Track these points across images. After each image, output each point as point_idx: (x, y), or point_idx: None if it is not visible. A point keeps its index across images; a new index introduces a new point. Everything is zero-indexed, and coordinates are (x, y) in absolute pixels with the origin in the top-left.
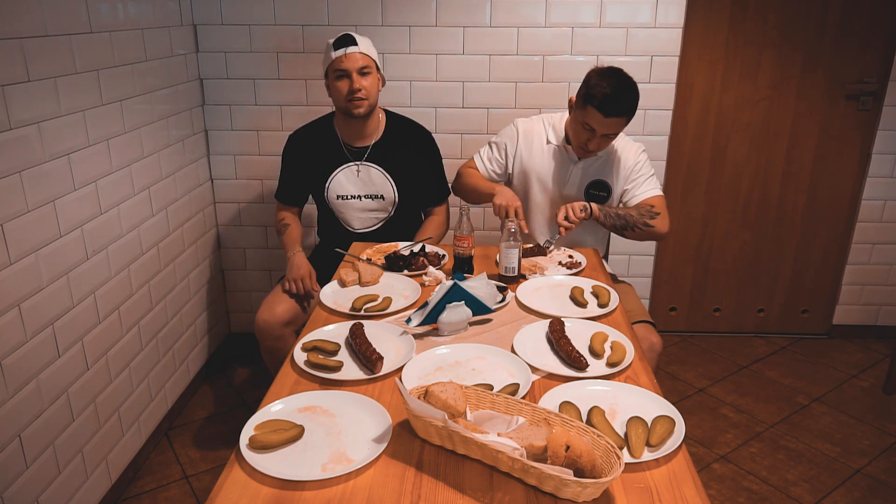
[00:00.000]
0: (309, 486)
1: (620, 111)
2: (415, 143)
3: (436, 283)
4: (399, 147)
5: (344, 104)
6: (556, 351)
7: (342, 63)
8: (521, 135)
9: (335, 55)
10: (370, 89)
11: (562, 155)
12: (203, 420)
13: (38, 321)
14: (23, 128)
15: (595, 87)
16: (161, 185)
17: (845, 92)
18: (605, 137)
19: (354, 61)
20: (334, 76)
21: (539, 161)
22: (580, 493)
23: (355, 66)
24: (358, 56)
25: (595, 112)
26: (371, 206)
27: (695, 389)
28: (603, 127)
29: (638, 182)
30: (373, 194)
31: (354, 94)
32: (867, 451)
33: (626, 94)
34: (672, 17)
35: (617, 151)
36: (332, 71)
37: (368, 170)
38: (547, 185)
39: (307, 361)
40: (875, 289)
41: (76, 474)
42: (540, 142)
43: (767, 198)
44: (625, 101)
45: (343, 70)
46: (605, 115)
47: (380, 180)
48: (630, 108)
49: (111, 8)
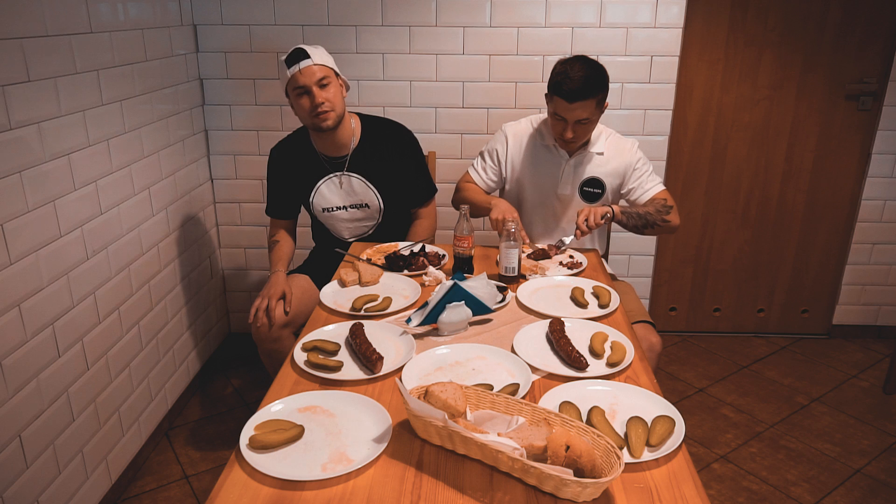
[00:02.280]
0: (309, 486)
1: (584, 94)
2: (394, 145)
3: (436, 283)
4: (378, 152)
5: (311, 120)
6: (556, 351)
7: (299, 80)
8: (510, 138)
9: (290, 73)
10: (333, 100)
11: (553, 154)
12: (203, 420)
13: (38, 321)
14: (23, 128)
15: (557, 75)
16: (161, 185)
17: (845, 92)
18: (578, 124)
19: (311, 75)
20: (295, 94)
21: (531, 162)
22: (580, 493)
23: (313, 79)
24: (315, 69)
25: (560, 100)
26: (357, 216)
27: (695, 389)
28: (571, 113)
29: (642, 179)
30: (357, 204)
31: (318, 109)
32: (867, 451)
33: (587, 77)
34: (672, 17)
35: (610, 148)
36: (291, 89)
37: (350, 179)
38: (541, 185)
39: (307, 361)
40: (875, 289)
41: (76, 474)
42: (530, 143)
43: (767, 198)
44: (585, 84)
45: (302, 86)
46: (570, 101)
47: (362, 189)
48: (591, 88)
49: (111, 8)
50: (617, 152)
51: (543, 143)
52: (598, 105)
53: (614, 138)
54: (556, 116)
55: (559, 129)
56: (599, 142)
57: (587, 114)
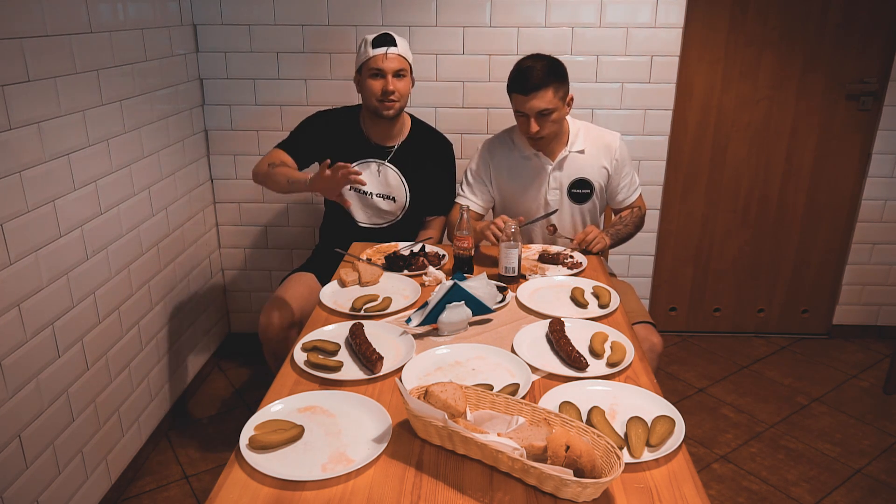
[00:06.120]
0: (309, 486)
1: (536, 84)
2: (437, 152)
3: (436, 283)
4: (421, 153)
5: (375, 104)
6: (556, 351)
7: (380, 63)
8: (489, 155)
9: (374, 53)
10: (402, 92)
11: (535, 162)
12: (203, 420)
13: (38, 321)
14: (23, 128)
15: (512, 72)
16: (161, 185)
17: (845, 92)
18: (541, 117)
19: (392, 63)
20: (369, 73)
21: (515, 174)
22: (580, 493)
23: (392, 67)
24: (398, 59)
25: (517, 95)
26: (381, 206)
27: (695, 389)
28: (530, 106)
29: (626, 184)
30: (386, 194)
31: (388, 96)
32: (867, 451)
33: (538, 67)
34: (672, 17)
35: (591, 144)
36: (367, 68)
37: (388, 170)
38: (529, 193)
39: (307, 361)
40: (875, 289)
41: (76, 474)
42: (510, 156)
43: (767, 198)
44: (538, 74)
45: (379, 69)
46: (525, 94)
47: (396, 183)
48: (545, 77)
49: (111, 8)
50: (600, 148)
51: (523, 154)
52: (557, 95)
53: (594, 132)
54: (518, 114)
55: (525, 127)
56: (579, 140)
57: (545, 104)
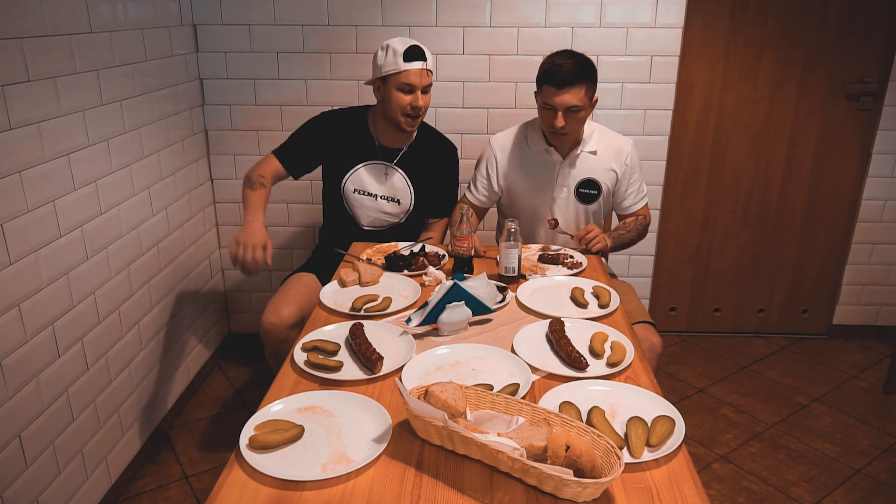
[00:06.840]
0: (309, 486)
1: (572, 80)
2: (442, 157)
3: (436, 283)
4: (427, 158)
5: (399, 117)
6: (556, 351)
7: (411, 78)
8: (497, 150)
9: (407, 67)
10: (427, 106)
11: (546, 158)
12: (203, 420)
13: (38, 321)
14: (23, 128)
15: (544, 65)
16: (161, 185)
17: (845, 92)
18: (569, 113)
19: (424, 78)
20: (397, 86)
21: (524, 170)
22: (580, 493)
23: (423, 83)
24: (429, 74)
25: (549, 88)
26: (385, 209)
27: (695, 389)
28: (560, 101)
29: (634, 190)
30: (391, 197)
31: (417, 112)
32: (867, 451)
33: (574, 63)
34: (672, 17)
35: (604, 147)
36: (396, 81)
37: (394, 173)
38: (536, 190)
39: (307, 361)
40: (875, 289)
41: (76, 474)
42: (520, 151)
43: (767, 198)
44: (573, 70)
45: (411, 85)
46: (559, 87)
47: (402, 186)
48: (580, 74)
49: (111, 8)
50: (612, 151)
51: (534, 148)
52: (587, 94)
53: (608, 135)
54: (546, 107)
55: (549, 120)
56: (592, 140)
57: (577, 101)
